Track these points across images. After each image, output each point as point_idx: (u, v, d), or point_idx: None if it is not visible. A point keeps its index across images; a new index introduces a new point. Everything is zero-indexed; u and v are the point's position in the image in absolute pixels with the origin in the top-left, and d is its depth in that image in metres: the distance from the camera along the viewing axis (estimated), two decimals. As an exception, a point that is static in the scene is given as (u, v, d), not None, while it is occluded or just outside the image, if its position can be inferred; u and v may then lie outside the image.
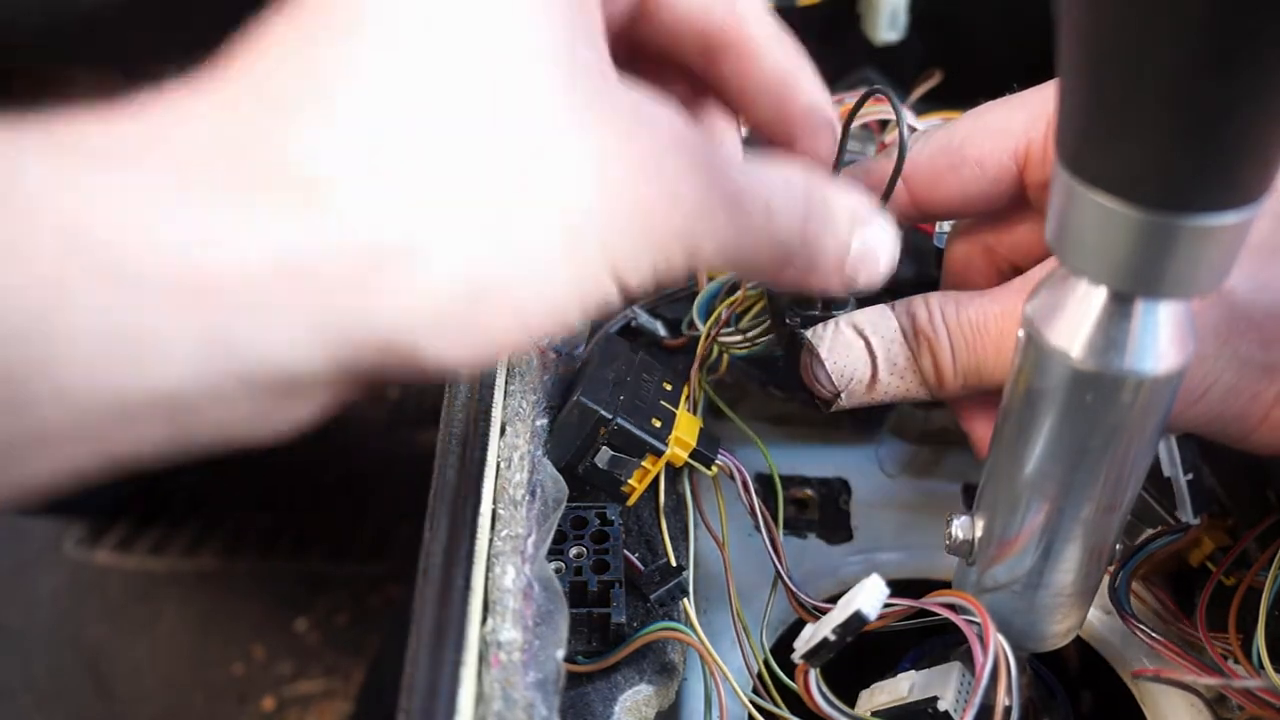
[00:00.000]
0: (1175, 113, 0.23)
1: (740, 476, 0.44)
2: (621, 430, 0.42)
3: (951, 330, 0.39)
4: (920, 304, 0.40)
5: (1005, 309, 0.39)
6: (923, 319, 0.40)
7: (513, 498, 0.38)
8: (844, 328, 0.41)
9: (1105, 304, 0.29)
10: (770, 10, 0.40)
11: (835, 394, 0.41)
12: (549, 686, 0.34)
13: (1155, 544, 0.45)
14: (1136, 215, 0.25)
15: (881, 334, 0.40)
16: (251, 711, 1.17)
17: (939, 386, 0.40)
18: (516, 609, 0.35)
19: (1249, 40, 0.22)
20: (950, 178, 0.42)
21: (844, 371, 0.40)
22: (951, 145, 0.42)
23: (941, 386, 0.40)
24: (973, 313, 0.39)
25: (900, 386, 0.41)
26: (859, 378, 0.40)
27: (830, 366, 0.40)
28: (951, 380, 0.40)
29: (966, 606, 0.37)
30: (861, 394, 0.41)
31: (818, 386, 0.41)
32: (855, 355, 0.40)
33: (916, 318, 0.40)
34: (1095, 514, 0.34)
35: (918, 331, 0.40)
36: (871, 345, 0.40)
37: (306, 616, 1.23)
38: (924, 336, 0.40)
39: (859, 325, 0.41)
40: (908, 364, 0.40)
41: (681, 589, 0.42)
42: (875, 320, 0.41)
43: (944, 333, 0.39)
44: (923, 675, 0.41)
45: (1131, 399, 0.30)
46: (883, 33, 0.64)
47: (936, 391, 0.40)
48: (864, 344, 0.40)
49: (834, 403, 0.41)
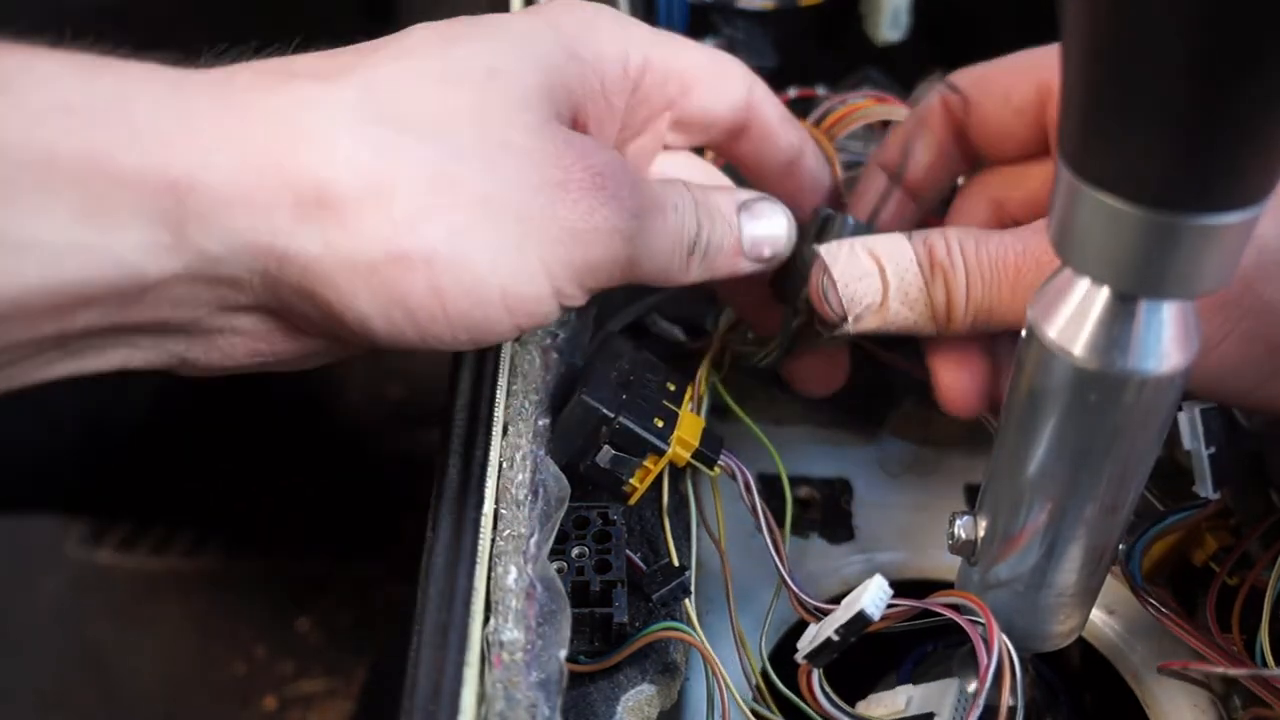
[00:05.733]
0: (1179, 113, 0.23)
1: (742, 477, 0.44)
2: (624, 429, 0.42)
3: (969, 264, 0.39)
4: (939, 236, 0.40)
5: (1027, 248, 0.39)
6: (940, 251, 0.40)
7: (515, 497, 0.38)
8: (859, 250, 0.40)
9: (1108, 303, 0.29)
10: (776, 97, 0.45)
11: (842, 317, 0.40)
12: (551, 686, 0.34)
13: (1172, 518, 0.45)
14: (1139, 215, 0.25)
15: (897, 261, 0.40)
16: (253, 711, 1.17)
17: (947, 321, 0.40)
18: (519, 609, 0.35)
19: (1253, 40, 0.22)
20: (979, 109, 0.43)
21: (855, 295, 0.40)
22: (984, 75, 0.44)
23: (950, 322, 0.40)
24: (993, 249, 0.39)
25: (908, 318, 0.40)
26: (868, 303, 0.40)
27: (841, 289, 0.40)
28: (961, 316, 0.40)
29: (970, 607, 0.37)
30: (868, 321, 0.40)
31: (825, 308, 0.41)
32: (867, 280, 0.40)
33: (934, 249, 0.40)
34: (1098, 514, 0.34)
35: (934, 263, 0.40)
36: (885, 272, 0.40)
37: (308, 616, 1.23)
38: (940, 268, 0.40)
39: (874, 250, 0.40)
40: (919, 295, 0.40)
41: (684, 589, 0.42)
42: (891, 247, 0.40)
43: (961, 266, 0.39)
44: (920, 690, 0.41)
45: (1134, 399, 0.30)
46: (885, 32, 0.64)
47: (944, 326, 0.40)
48: (878, 270, 0.40)
49: (839, 326, 0.41)
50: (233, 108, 0.31)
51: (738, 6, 0.62)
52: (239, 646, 1.21)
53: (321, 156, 0.31)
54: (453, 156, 0.33)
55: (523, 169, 0.34)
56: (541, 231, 0.34)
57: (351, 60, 0.34)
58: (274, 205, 0.31)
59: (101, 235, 0.29)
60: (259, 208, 0.31)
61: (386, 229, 0.32)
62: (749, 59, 0.47)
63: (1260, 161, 0.25)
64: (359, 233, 0.32)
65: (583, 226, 0.35)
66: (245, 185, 0.30)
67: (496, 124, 0.34)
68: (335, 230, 0.31)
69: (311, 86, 0.32)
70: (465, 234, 0.33)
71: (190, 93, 0.31)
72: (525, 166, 0.34)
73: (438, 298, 0.33)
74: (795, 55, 0.64)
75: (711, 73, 0.43)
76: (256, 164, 0.30)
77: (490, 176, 0.33)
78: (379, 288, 0.32)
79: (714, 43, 0.62)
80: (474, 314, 0.34)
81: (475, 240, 0.33)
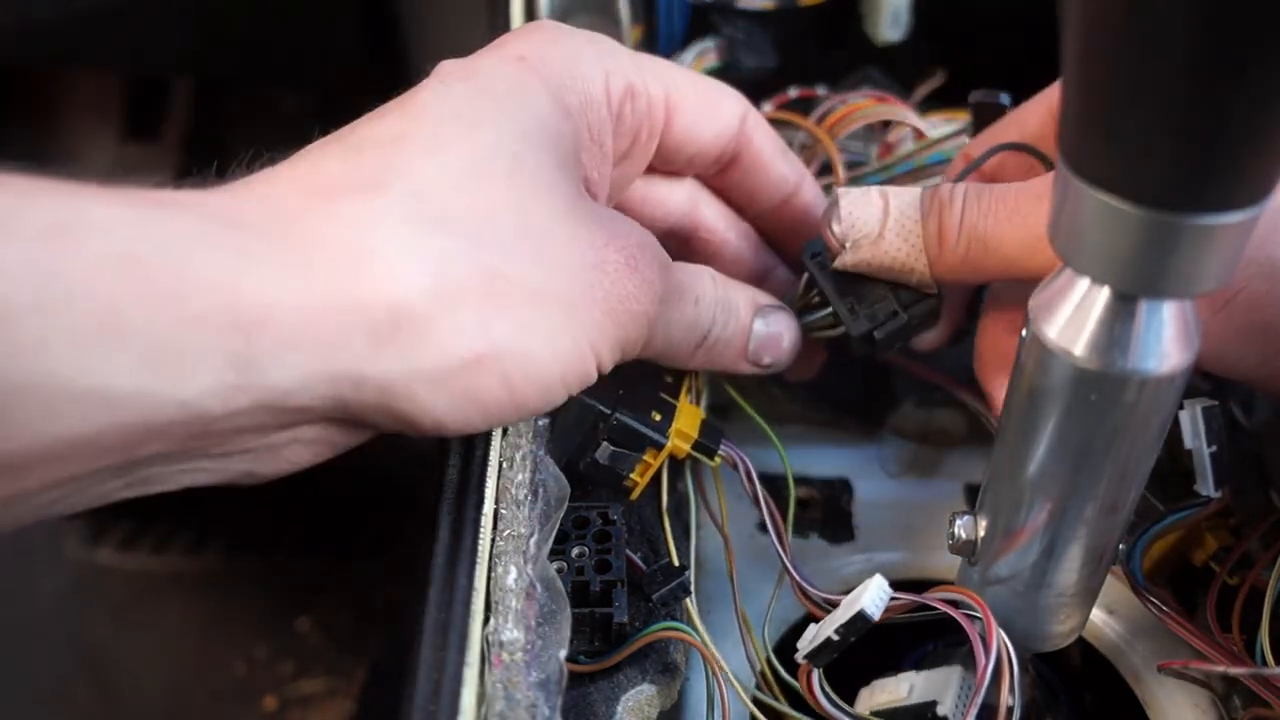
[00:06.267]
0: (1179, 113, 0.23)
1: (743, 466, 0.44)
2: (621, 425, 0.42)
3: (968, 197, 0.40)
4: (947, 184, 0.42)
5: (1029, 187, 0.40)
6: (944, 190, 0.41)
7: (515, 497, 0.38)
8: (872, 190, 0.42)
9: (1108, 303, 0.29)
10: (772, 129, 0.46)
11: (842, 244, 0.42)
12: (551, 686, 0.34)
13: (1173, 517, 0.45)
14: (1139, 215, 0.25)
15: (901, 198, 0.42)
16: (253, 711, 1.17)
17: (939, 250, 0.41)
18: (519, 609, 0.35)
19: (1253, 40, 0.22)
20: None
21: (855, 222, 0.42)
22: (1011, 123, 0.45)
23: (941, 250, 0.41)
24: (995, 188, 0.40)
25: (902, 250, 0.41)
26: (867, 231, 0.41)
27: (845, 214, 0.41)
28: (953, 243, 0.40)
29: (969, 603, 0.37)
30: (865, 250, 0.42)
31: (828, 233, 0.42)
32: (871, 210, 0.42)
33: (939, 191, 0.41)
34: (1098, 514, 0.34)
35: (935, 199, 0.41)
36: (889, 205, 0.41)
37: (308, 616, 1.23)
38: (938, 200, 0.41)
39: (885, 190, 0.42)
40: (914, 228, 0.41)
41: (684, 589, 0.42)
42: (901, 189, 0.42)
43: (959, 199, 0.40)
44: (923, 677, 0.41)
45: (1135, 398, 0.30)
46: (885, 32, 0.64)
47: (935, 259, 0.41)
48: (883, 204, 0.42)
49: (839, 254, 0.42)
50: (291, 240, 0.31)
51: (738, 6, 0.62)
52: (239, 646, 1.21)
53: (388, 280, 0.32)
54: (502, 253, 0.34)
55: (561, 256, 0.35)
56: (585, 314, 0.36)
57: (384, 159, 0.34)
58: (348, 334, 0.31)
59: (168, 382, 0.29)
60: (332, 339, 0.31)
61: (460, 337, 0.33)
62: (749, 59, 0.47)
63: (1260, 162, 0.25)
64: (435, 345, 0.32)
65: (618, 308, 0.37)
66: (315, 319, 0.31)
67: (533, 213, 0.35)
68: (413, 347, 0.32)
69: (359, 204, 0.33)
70: (525, 328, 0.34)
71: (247, 229, 0.31)
72: (564, 253, 0.35)
73: (508, 390, 0.34)
74: (795, 55, 0.64)
75: (699, 99, 0.43)
76: (324, 297, 0.31)
77: (537, 267, 0.35)
78: (457, 392, 0.33)
79: (714, 43, 0.62)
80: (538, 397, 0.36)
81: (535, 332, 0.34)
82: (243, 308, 0.29)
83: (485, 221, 0.34)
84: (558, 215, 0.36)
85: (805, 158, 0.55)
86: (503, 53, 0.39)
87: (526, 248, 0.35)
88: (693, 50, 0.62)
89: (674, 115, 0.42)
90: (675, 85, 0.42)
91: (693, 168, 0.46)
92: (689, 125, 0.43)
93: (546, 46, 0.39)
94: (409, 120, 0.35)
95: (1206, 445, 0.42)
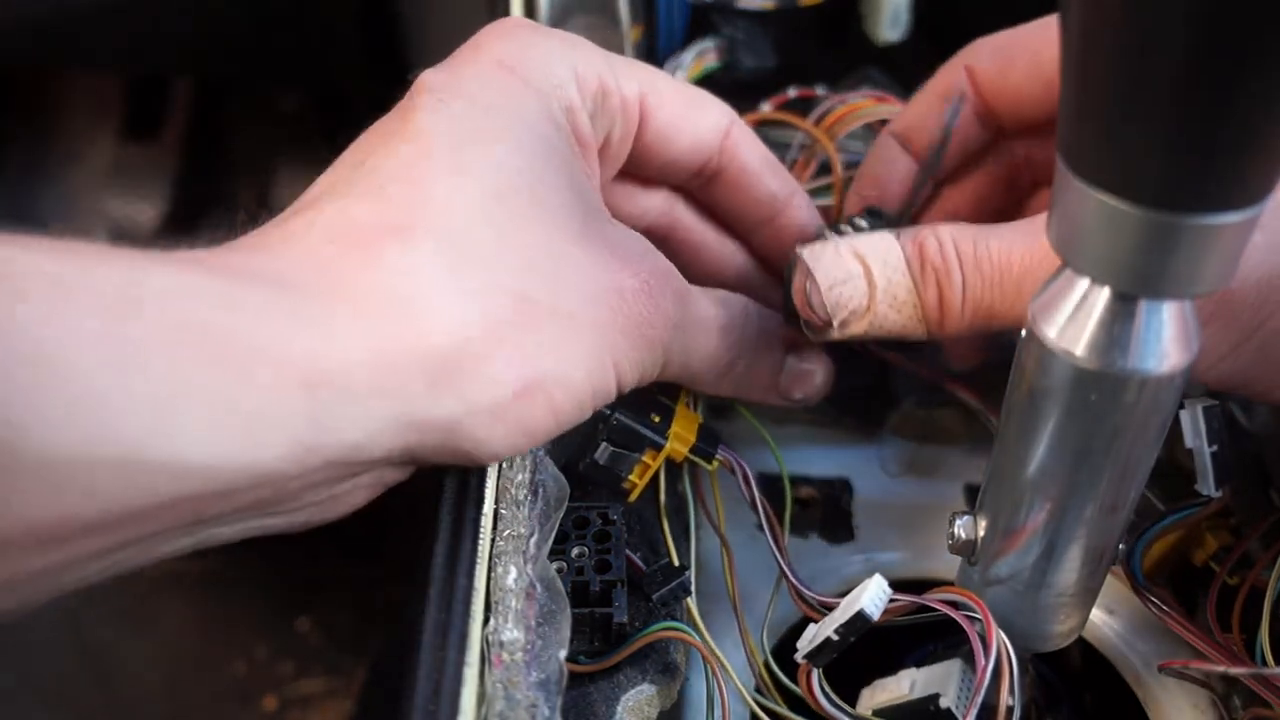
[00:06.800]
0: (1179, 113, 0.23)
1: (741, 470, 0.44)
2: (620, 425, 0.42)
3: (966, 265, 0.38)
4: (930, 235, 0.38)
5: (1034, 246, 0.37)
6: (932, 250, 0.38)
7: (515, 497, 0.38)
8: (844, 251, 0.38)
9: (1108, 303, 0.29)
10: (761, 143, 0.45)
11: (827, 323, 0.39)
12: (551, 686, 0.34)
13: (1173, 517, 0.45)
14: (1139, 215, 0.25)
15: (884, 261, 0.38)
16: (253, 711, 1.17)
17: (940, 324, 0.39)
18: (519, 609, 0.35)
19: (1253, 39, 0.22)
20: (1013, 70, 0.43)
21: (839, 299, 0.38)
22: (1016, 39, 0.43)
23: (944, 324, 0.38)
24: (995, 247, 0.37)
25: (896, 321, 0.38)
26: (854, 308, 0.38)
27: (825, 292, 0.38)
28: (957, 319, 0.38)
29: (968, 604, 0.37)
30: (855, 326, 0.39)
31: (809, 312, 0.39)
32: (853, 283, 0.38)
33: (925, 248, 0.38)
34: (1098, 514, 0.34)
35: (925, 262, 0.38)
36: (872, 274, 0.38)
37: (308, 616, 1.23)
38: (932, 269, 0.38)
39: (860, 251, 0.38)
40: (908, 297, 0.38)
41: (684, 589, 0.42)
42: (879, 247, 0.38)
43: (957, 266, 0.38)
44: (924, 673, 0.41)
45: (1135, 399, 0.30)
46: (885, 32, 0.64)
47: (936, 329, 0.39)
48: (863, 270, 0.38)
49: (824, 331, 0.39)
50: (339, 297, 0.32)
51: (738, 6, 0.62)
52: (239, 646, 1.21)
53: (436, 323, 0.32)
54: (532, 280, 0.35)
55: (584, 280, 0.36)
56: (608, 336, 0.36)
57: (409, 197, 0.34)
58: (407, 382, 0.32)
59: (239, 449, 0.29)
60: (392, 389, 0.31)
61: (510, 370, 0.34)
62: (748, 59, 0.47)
63: (1260, 161, 0.25)
64: (488, 381, 0.33)
65: (634, 331, 0.37)
66: (373, 372, 0.31)
67: (555, 236, 0.36)
68: (468, 386, 0.33)
69: (394, 249, 0.33)
70: (562, 352, 0.35)
71: (296, 290, 0.31)
72: (585, 277, 0.36)
73: (553, 414, 0.35)
74: (795, 55, 0.64)
75: (679, 105, 0.42)
76: (379, 349, 0.31)
77: (564, 291, 0.35)
78: (511, 422, 0.34)
79: (714, 43, 0.62)
80: (574, 416, 0.36)
81: (571, 356, 0.35)
82: (304, 369, 0.30)
83: (514, 249, 0.35)
84: (576, 237, 0.36)
85: (804, 158, 0.55)
86: (481, 60, 0.38)
87: (553, 272, 0.35)
88: (692, 50, 0.62)
89: (649, 118, 0.41)
90: (652, 87, 0.41)
91: (670, 175, 0.44)
92: (665, 129, 0.42)
93: (524, 49, 0.38)
94: (416, 150, 0.35)
95: (1207, 445, 0.42)
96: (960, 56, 0.45)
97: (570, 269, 0.36)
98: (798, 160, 0.56)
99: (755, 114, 0.58)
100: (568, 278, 0.36)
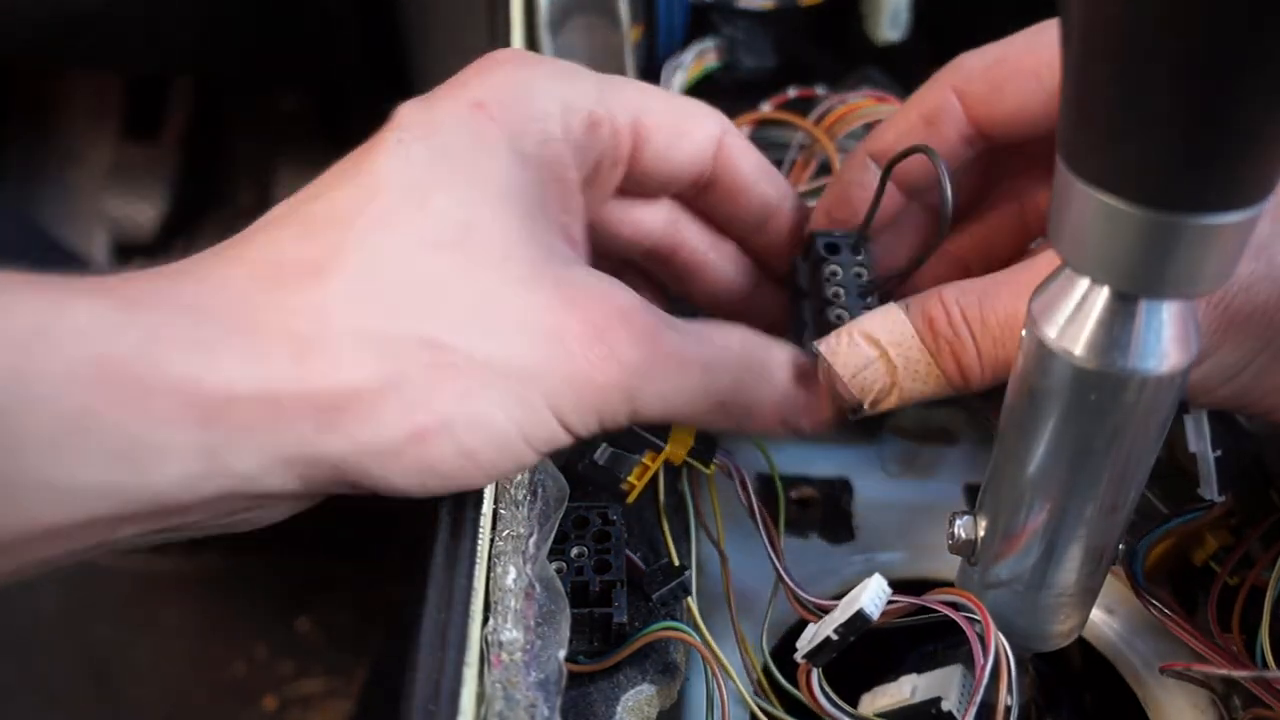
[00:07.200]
0: (1180, 112, 0.23)
1: (738, 475, 0.44)
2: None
3: (975, 329, 0.38)
4: (935, 303, 0.38)
5: None
6: (941, 322, 0.38)
7: (514, 497, 0.38)
8: (857, 337, 0.39)
9: (1108, 303, 0.29)
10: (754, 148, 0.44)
11: (858, 404, 0.40)
12: (551, 686, 0.34)
13: (1176, 521, 0.44)
14: (1139, 215, 0.25)
15: (898, 342, 0.39)
16: (253, 711, 1.17)
17: (965, 385, 0.39)
18: (518, 609, 0.35)
19: (1252, 39, 0.22)
20: (1008, 90, 0.41)
21: (863, 385, 0.39)
22: (1008, 56, 0.42)
23: (968, 385, 0.39)
24: (1000, 307, 0.38)
25: (925, 390, 0.39)
26: (879, 389, 0.39)
27: (849, 381, 0.39)
28: (979, 378, 0.38)
29: (968, 605, 0.37)
30: (887, 402, 0.39)
31: (840, 400, 0.40)
32: (873, 368, 0.39)
33: (934, 321, 0.38)
34: (1098, 514, 0.34)
35: (937, 335, 0.38)
36: (889, 355, 0.39)
37: (308, 616, 1.23)
38: (944, 339, 0.38)
39: (872, 334, 0.39)
40: (929, 369, 0.38)
41: (684, 588, 0.42)
42: (889, 326, 0.39)
43: (967, 334, 0.38)
44: (925, 678, 0.41)
45: (1135, 399, 0.30)
46: (885, 32, 0.64)
47: (963, 389, 0.39)
48: (879, 354, 0.39)
49: (860, 411, 0.40)
50: (249, 330, 0.32)
51: (738, 6, 0.62)
52: (239, 646, 1.21)
53: (331, 366, 0.33)
54: (449, 327, 0.34)
55: (517, 327, 0.35)
56: (543, 383, 0.35)
57: (336, 239, 0.34)
58: (296, 421, 0.32)
59: (137, 476, 0.30)
60: (282, 426, 0.32)
61: (403, 414, 0.33)
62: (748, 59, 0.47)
63: (1260, 161, 0.25)
64: (379, 424, 0.33)
65: (578, 377, 0.36)
66: (268, 408, 0.32)
67: (485, 282, 0.35)
68: (356, 428, 0.33)
69: (309, 289, 0.33)
70: (475, 397, 0.34)
71: (212, 321, 0.32)
72: (519, 324, 0.35)
73: (467, 457, 0.35)
74: (795, 55, 0.64)
75: (671, 123, 0.42)
76: (276, 386, 0.32)
77: (488, 339, 0.35)
78: (410, 464, 0.34)
79: (714, 43, 0.62)
80: (502, 459, 0.36)
81: (486, 400, 0.34)
82: (206, 401, 0.31)
83: (433, 296, 0.34)
84: (512, 283, 0.36)
85: (804, 157, 0.55)
86: (459, 98, 0.38)
87: (476, 318, 0.35)
88: (692, 50, 0.62)
89: (643, 142, 0.41)
90: (645, 110, 0.41)
91: (668, 191, 0.45)
92: (660, 151, 0.42)
93: (503, 88, 0.38)
94: (363, 192, 0.35)
95: (1211, 449, 0.42)
96: (944, 75, 0.43)
97: (500, 315, 0.35)
98: (798, 160, 0.56)
99: (755, 114, 0.58)
100: (495, 324, 0.35)
